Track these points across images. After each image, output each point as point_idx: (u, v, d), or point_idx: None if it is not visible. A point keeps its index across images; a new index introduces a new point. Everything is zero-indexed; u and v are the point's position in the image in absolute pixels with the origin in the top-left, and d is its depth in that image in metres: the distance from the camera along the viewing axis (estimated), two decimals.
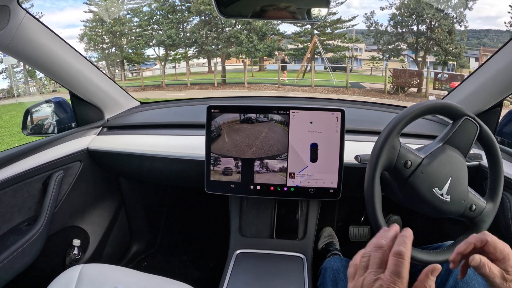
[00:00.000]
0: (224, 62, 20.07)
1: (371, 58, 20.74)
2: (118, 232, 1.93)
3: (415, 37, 18.35)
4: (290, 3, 1.07)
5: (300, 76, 18.15)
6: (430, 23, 17.79)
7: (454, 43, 17.57)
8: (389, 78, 15.56)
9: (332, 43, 20.74)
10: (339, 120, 1.27)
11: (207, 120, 1.32)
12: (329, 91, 15.87)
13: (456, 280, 1.06)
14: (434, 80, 15.25)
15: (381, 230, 0.68)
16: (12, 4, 1.03)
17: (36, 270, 1.41)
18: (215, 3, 1.04)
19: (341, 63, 19.58)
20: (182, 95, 15.82)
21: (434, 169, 0.96)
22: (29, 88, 19.86)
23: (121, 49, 20.62)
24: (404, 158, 0.96)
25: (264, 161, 1.31)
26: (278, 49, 21.35)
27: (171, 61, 21.34)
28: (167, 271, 1.94)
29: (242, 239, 1.55)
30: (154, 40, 20.55)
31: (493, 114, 1.39)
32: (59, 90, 18.65)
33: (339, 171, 1.29)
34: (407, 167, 0.96)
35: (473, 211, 0.98)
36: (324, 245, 1.81)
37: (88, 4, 19.92)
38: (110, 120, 1.73)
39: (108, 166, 1.70)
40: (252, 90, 16.70)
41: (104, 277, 1.14)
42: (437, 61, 18.36)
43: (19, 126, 10.09)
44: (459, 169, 0.98)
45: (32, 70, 19.02)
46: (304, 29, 21.07)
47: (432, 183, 0.96)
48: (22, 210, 1.31)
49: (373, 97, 14.76)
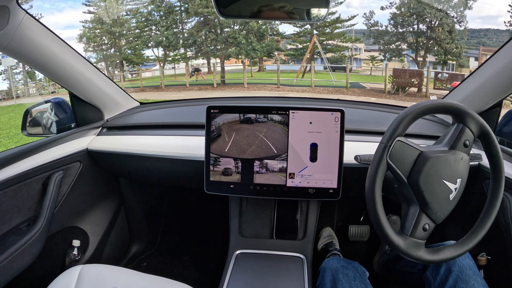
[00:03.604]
0: (223, 63, 20.04)
1: (370, 58, 20.76)
2: (117, 232, 1.93)
3: (416, 37, 18.33)
4: (288, 3, 1.07)
5: (300, 76, 18.11)
6: (430, 23, 17.77)
7: (454, 42, 17.55)
8: (389, 78, 15.54)
9: (331, 43, 20.72)
10: (339, 120, 1.27)
11: (207, 121, 1.32)
12: (328, 91, 15.83)
13: (456, 279, 1.06)
14: (435, 79, 15.21)
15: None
16: (11, 5, 1.03)
17: (36, 271, 1.41)
18: (214, 3, 1.04)
19: (340, 63, 19.59)
20: (181, 95, 15.81)
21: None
22: (28, 89, 19.84)
23: (120, 50, 20.59)
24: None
25: (263, 162, 1.31)
26: (278, 49, 21.34)
27: (170, 62, 21.32)
28: (166, 272, 1.94)
29: (241, 239, 1.55)
30: (152, 41, 20.53)
31: (493, 114, 1.39)
32: (58, 91, 18.67)
33: (338, 171, 1.29)
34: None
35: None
36: (324, 245, 1.81)
37: (87, 5, 19.94)
38: (109, 120, 1.73)
39: (108, 166, 1.70)
40: (251, 90, 16.68)
41: (103, 278, 1.14)
42: (436, 61, 18.36)
43: (17, 128, 10.11)
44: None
45: (31, 71, 19.02)
46: (303, 29, 21.05)
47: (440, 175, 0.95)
48: (21, 211, 1.31)
49: (373, 97, 14.71)
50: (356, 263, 1.24)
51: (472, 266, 1.09)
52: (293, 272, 1.37)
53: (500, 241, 1.23)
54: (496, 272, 1.31)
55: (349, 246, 1.99)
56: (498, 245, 1.27)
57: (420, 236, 0.93)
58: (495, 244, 1.28)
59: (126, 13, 20.37)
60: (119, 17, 19.91)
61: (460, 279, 1.05)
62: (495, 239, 1.24)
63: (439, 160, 0.93)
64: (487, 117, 1.34)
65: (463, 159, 0.97)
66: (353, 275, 1.15)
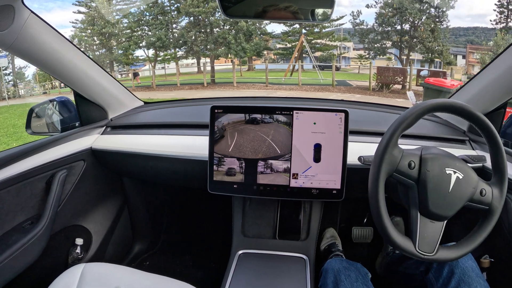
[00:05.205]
0: (213, 62, 20.17)
1: (358, 57, 20.93)
2: (120, 231, 1.93)
3: (399, 36, 18.84)
4: (293, 3, 1.07)
5: (288, 75, 18.35)
6: (413, 22, 18.33)
7: (437, 41, 18.10)
8: (374, 76, 15.94)
9: (320, 42, 20.99)
10: (343, 121, 1.27)
11: (211, 120, 1.32)
12: (315, 89, 16.17)
13: (459, 281, 1.05)
14: (417, 77, 15.53)
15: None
16: (17, 4, 1.04)
17: (39, 269, 1.41)
18: (219, 3, 1.04)
19: (329, 61, 19.77)
20: (173, 95, 15.94)
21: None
22: (18, 90, 19.83)
23: (110, 50, 20.60)
24: (407, 160, 0.95)
25: (267, 162, 1.31)
26: (267, 48, 21.51)
27: (160, 61, 21.36)
28: (169, 271, 1.94)
29: (244, 239, 1.55)
30: (144, 41, 20.59)
31: (498, 115, 1.38)
32: (49, 92, 18.76)
33: (342, 172, 1.29)
34: (412, 167, 0.95)
35: (484, 196, 0.96)
36: (327, 246, 1.80)
37: (78, 5, 19.90)
38: (113, 119, 1.73)
39: (112, 165, 1.71)
40: (240, 89, 16.89)
41: (106, 276, 1.14)
42: (424, 59, 18.93)
43: (14, 126, 10.34)
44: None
45: (20, 72, 19.06)
46: (292, 29, 21.23)
47: (444, 165, 0.96)
48: (25, 209, 1.32)
49: (357, 94, 15.14)
50: (358, 264, 1.24)
51: (475, 268, 1.09)
52: (296, 272, 1.36)
53: (503, 243, 1.22)
54: (499, 275, 1.30)
55: (352, 247, 1.98)
56: (501, 247, 1.26)
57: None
58: (498, 247, 1.28)
59: (116, 14, 20.44)
60: (111, 18, 19.90)
61: (462, 281, 1.05)
62: (498, 241, 1.24)
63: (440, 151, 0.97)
64: (491, 118, 1.33)
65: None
66: (355, 276, 1.15)
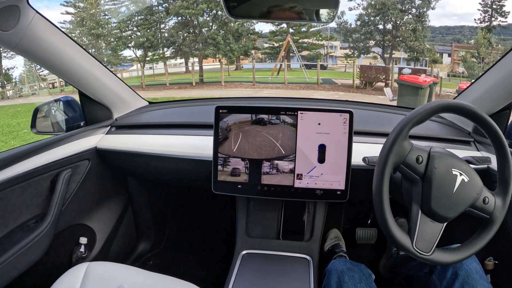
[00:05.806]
0: (201, 62, 20.20)
1: (345, 56, 21.06)
2: (124, 230, 1.94)
3: (382, 35, 19.31)
4: (298, 4, 1.07)
5: (275, 74, 18.46)
6: (395, 22, 18.79)
7: (418, 40, 18.53)
8: (357, 74, 16.22)
9: (307, 42, 21.08)
10: (347, 122, 1.26)
11: (215, 121, 1.33)
12: (301, 87, 16.44)
13: (462, 283, 1.05)
14: (399, 75, 15.65)
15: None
16: (22, 4, 1.04)
17: (43, 267, 1.42)
18: (224, 3, 1.04)
19: (316, 61, 19.80)
20: (162, 94, 15.99)
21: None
22: (6, 91, 19.73)
23: (99, 51, 20.54)
24: (415, 154, 0.95)
25: (272, 162, 1.31)
26: (254, 48, 21.57)
27: (149, 61, 21.33)
28: (172, 271, 1.94)
29: (248, 239, 1.55)
30: (132, 42, 20.56)
31: (503, 117, 1.37)
32: (38, 93, 18.78)
33: (346, 172, 1.28)
34: (419, 162, 0.95)
35: (486, 204, 0.96)
36: (331, 247, 1.80)
37: (65, 5, 19.74)
38: (118, 119, 1.74)
39: (116, 165, 1.71)
40: (228, 88, 17.01)
41: (109, 276, 1.14)
42: (409, 57, 19.37)
43: (9, 126, 10.58)
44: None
45: (8, 74, 19.06)
46: (279, 28, 21.23)
47: (451, 165, 0.96)
48: (29, 208, 1.32)
49: (341, 91, 15.51)
50: (362, 266, 1.23)
51: (479, 270, 1.08)
52: (299, 273, 1.36)
53: (507, 245, 1.22)
54: (503, 277, 1.29)
55: (356, 248, 1.98)
56: (505, 249, 1.26)
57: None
58: (503, 249, 1.27)
59: (105, 14, 20.41)
60: (98, 19, 19.89)
61: (466, 283, 1.05)
62: (502, 243, 1.23)
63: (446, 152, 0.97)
64: (496, 119, 1.33)
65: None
66: (358, 278, 1.15)
